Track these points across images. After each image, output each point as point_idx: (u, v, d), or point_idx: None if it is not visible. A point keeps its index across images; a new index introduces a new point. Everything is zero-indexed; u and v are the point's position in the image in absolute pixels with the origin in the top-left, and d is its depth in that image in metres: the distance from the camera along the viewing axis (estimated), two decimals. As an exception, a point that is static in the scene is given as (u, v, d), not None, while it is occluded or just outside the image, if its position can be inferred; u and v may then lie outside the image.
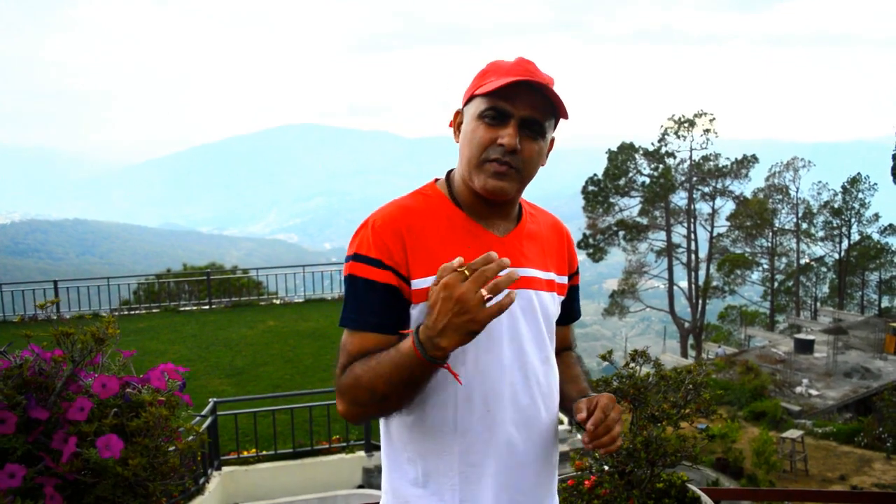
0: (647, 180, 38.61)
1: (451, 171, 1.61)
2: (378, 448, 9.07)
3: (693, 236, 39.97)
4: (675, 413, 1.65)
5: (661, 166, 38.27)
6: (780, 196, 41.48)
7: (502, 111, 1.44)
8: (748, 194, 40.25)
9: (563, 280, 1.66)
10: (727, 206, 40.19)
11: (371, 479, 8.61)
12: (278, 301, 17.91)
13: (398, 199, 1.56)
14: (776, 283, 42.61)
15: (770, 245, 41.63)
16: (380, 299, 1.44)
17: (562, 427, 9.68)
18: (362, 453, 8.75)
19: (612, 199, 39.02)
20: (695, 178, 38.78)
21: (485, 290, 1.20)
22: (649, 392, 1.69)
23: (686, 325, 39.35)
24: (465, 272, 1.22)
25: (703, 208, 40.24)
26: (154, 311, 16.80)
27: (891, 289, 41.96)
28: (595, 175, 38.96)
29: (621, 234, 39.11)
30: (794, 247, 42.43)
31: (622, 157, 38.68)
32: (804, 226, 41.90)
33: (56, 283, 15.98)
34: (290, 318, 15.73)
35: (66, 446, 1.34)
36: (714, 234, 40.36)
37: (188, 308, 17.11)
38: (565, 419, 9.46)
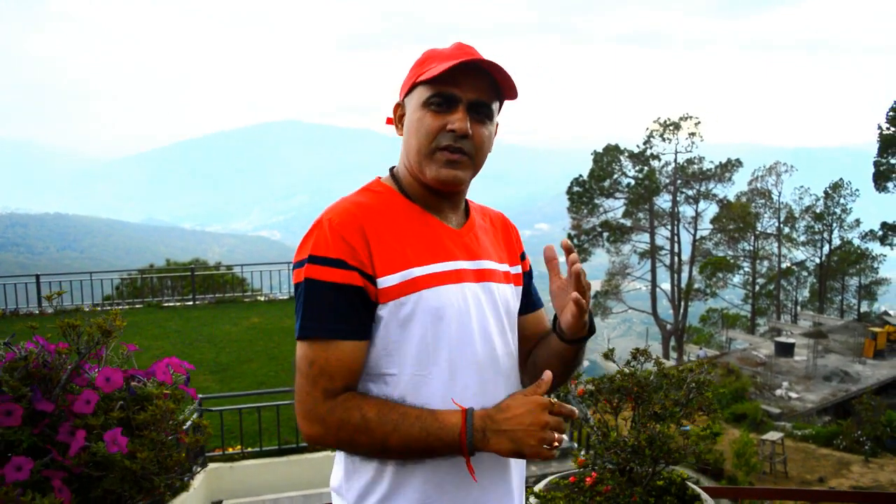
0: (632, 182, 38.82)
1: (394, 167, 1.54)
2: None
3: (676, 239, 40.24)
4: (678, 411, 1.66)
5: (646, 168, 38.51)
6: (763, 200, 41.83)
7: (449, 96, 1.38)
8: (731, 198, 40.61)
9: (517, 270, 1.62)
10: (710, 210, 40.59)
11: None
12: (263, 298, 17.80)
13: (348, 196, 1.46)
14: (757, 287, 42.96)
15: (752, 248, 41.97)
16: (347, 303, 1.33)
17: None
18: (348, 451, 8.72)
19: (596, 201, 39.20)
20: (679, 181, 39.06)
21: (557, 437, 1.26)
22: (652, 390, 1.70)
23: (668, 327, 39.60)
24: (553, 407, 1.27)
25: (686, 211, 40.59)
26: (137, 306, 16.65)
27: (870, 294, 42.44)
28: (580, 176, 39.12)
29: (605, 235, 39.29)
30: (776, 251, 42.80)
31: (607, 158, 38.87)
32: (786, 230, 42.28)
33: (38, 277, 15.79)
34: (274, 315, 15.65)
35: (73, 439, 1.33)
36: (697, 236, 40.70)
37: (171, 304, 16.97)
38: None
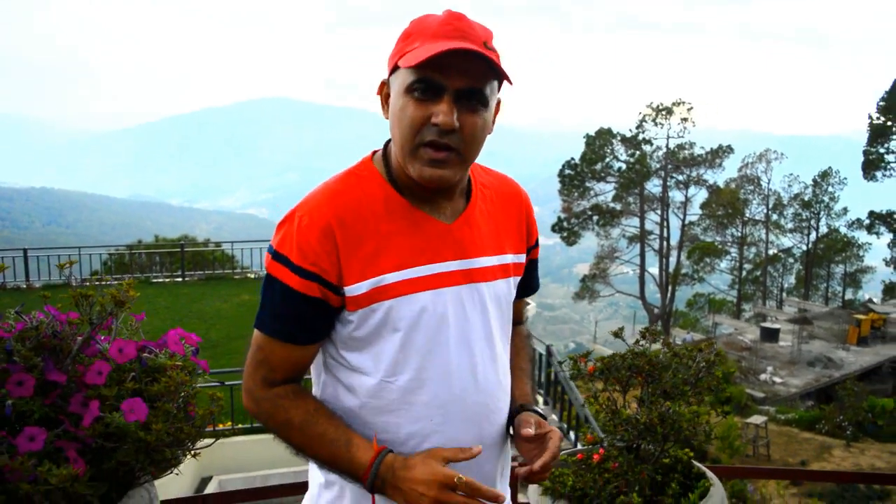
0: (624, 166, 38.86)
1: (389, 143, 1.40)
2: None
3: (665, 223, 40.40)
4: (688, 389, 1.68)
5: (638, 153, 38.55)
6: (752, 187, 42.05)
7: (433, 83, 1.23)
8: (721, 184, 40.76)
9: (521, 259, 1.52)
10: (700, 195, 40.74)
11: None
12: (252, 275, 17.77)
13: (329, 181, 1.38)
14: (744, 273, 43.30)
15: (740, 235, 42.24)
16: (298, 311, 1.31)
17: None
18: (338, 429, 8.75)
19: (587, 184, 39.22)
20: (669, 166, 39.14)
21: None
22: (662, 369, 1.71)
23: (655, 310, 39.87)
24: (457, 484, 1.21)
25: (676, 196, 40.72)
26: (123, 282, 16.59)
27: (855, 282, 42.90)
28: (572, 159, 39.11)
29: (595, 218, 39.38)
30: (764, 237, 43.10)
31: (600, 142, 38.87)
32: (774, 217, 42.55)
33: (26, 251, 15.67)
34: (264, 293, 15.66)
35: (87, 410, 1.32)
36: (686, 221, 40.88)
37: (160, 280, 16.92)
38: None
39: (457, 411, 1.36)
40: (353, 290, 1.30)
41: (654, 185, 39.81)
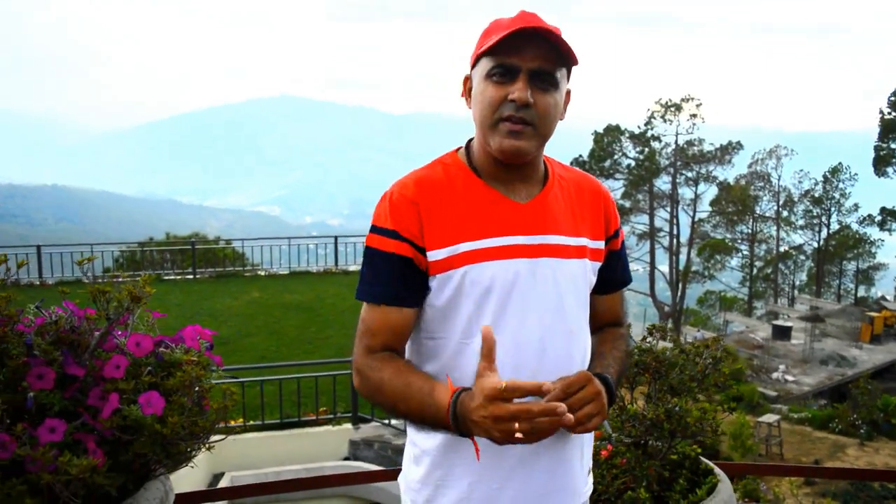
0: (632, 163, 38.71)
1: (472, 139, 1.56)
2: (364, 421, 9.14)
3: (675, 220, 40.22)
4: (694, 386, 1.69)
5: (647, 149, 38.39)
6: (762, 183, 41.82)
7: (509, 66, 1.38)
8: (731, 181, 40.55)
9: (599, 245, 1.59)
10: (710, 192, 40.52)
11: (357, 451, 8.67)
12: (263, 273, 17.84)
13: (417, 169, 1.53)
14: (755, 270, 43.09)
15: (750, 231, 42.03)
16: (395, 271, 1.42)
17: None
18: (349, 426, 8.79)
19: (596, 181, 39.09)
20: (679, 163, 38.96)
21: (518, 432, 1.21)
22: (669, 365, 1.72)
23: (666, 308, 39.75)
24: (504, 392, 1.22)
25: (685, 193, 40.49)
26: (137, 279, 16.69)
27: (867, 278, 42.58)
28: (580, 156, 38.99)
29: (605, 216, 39.20)
30: (774, 234, 42.87)
31: (608, 138, 38.72)
32: (784, 213, 42.29)
33: (39, 248, 15.81)
34: (274, 291, 15.70)
35: (106, 403, 1.35)
36: (696, 218, 40.67)
37: (171, 277, 17.01)
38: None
39: (525, 377, 1.36)
40: (435, 255, 1.42)
41: (663, 182, 39.63)
